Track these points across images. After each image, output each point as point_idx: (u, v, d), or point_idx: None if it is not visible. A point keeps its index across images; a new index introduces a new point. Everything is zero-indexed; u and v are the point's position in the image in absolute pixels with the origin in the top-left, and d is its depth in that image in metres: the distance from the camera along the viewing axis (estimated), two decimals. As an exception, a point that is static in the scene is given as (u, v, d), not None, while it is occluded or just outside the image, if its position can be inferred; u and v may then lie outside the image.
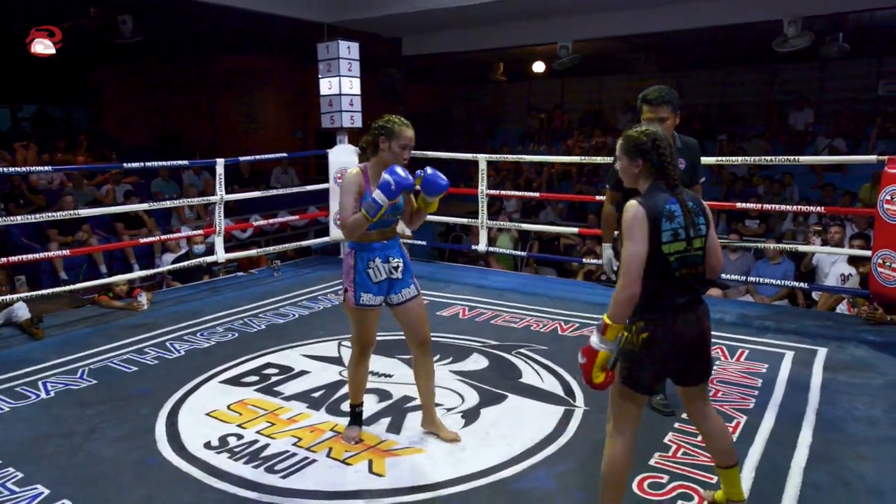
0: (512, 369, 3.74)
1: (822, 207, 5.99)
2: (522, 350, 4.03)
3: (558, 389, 3.44)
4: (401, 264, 2.86)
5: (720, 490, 2.34)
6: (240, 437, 2.98)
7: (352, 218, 2.65)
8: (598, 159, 6.09)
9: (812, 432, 2.93)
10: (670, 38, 10.65)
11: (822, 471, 2.61)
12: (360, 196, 2.69)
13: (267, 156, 6.65)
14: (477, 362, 3.86)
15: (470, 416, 3.15)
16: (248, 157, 6.42)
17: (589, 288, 5.82)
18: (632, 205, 2.06)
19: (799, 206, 6.52)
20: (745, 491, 2.43)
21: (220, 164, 5.61)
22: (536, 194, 8.40)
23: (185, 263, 5.99)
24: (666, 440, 2.87)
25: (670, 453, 2.76)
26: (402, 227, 7.52)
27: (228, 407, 3.30)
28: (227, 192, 5.81)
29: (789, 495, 2.45)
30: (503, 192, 8.17)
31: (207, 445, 2.91)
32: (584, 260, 6.25)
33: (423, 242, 7.16)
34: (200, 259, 5.88)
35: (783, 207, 6.31)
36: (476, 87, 16.00)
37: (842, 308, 5.43)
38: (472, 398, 3.35)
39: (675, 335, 2.08)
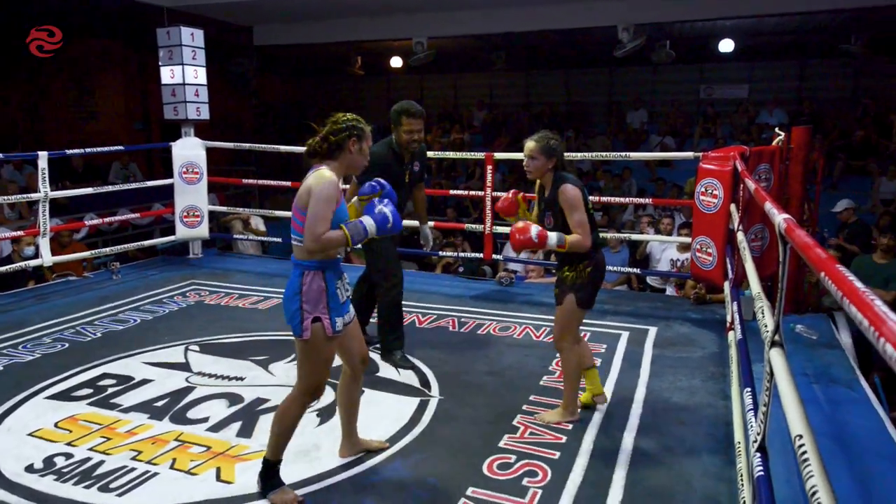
0: (369, 364, 3.72)
1: (651, 199, 6.58)
2: (379, 344, 4.04)
3: (414, 381, 3.49)
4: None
5: (585, 392, 3.12)
6: (69, 456, 2.73)
7: (331, 235, 2.29)
8: (452, 154, 6.24)
9: (642, 404, 3.22)
10: (521, 39, 11.16)
11: (650, 438, 2.87)
12: (336, 206, 2.34)
13: (100, 149, 6.10)
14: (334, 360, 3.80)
15: (325, 413, 3.11)
16: (78, 150, 5.86)
17: (447, 280, 5.95)
18: (570, 186, 2.83)
19: (631, 199, 7.12)
20: (583, 463, 2.65)
21: (42, 157, 5.07)
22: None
23: (2, 268, 5.34)
24: (515, 422, 3.01)
25: (518, 434, 2.90)
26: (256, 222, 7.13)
27: (56, 424, 3.00)
28: (57, 189, 5.26)
29: (621, 463, 2.66)
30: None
31: (30, 469, 2.63)
32: (440, 253, 6.39)
33: (279, 239, 6.94)
34: (22, 263, 5.27)
35: (617, 199, 6.86)
36: (334, 80, 15.77)
37: (671, 290, 6.02)
38: (328, 396, 3.29)
39: (601, 263, 2.98)
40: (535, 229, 2.83)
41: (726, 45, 10.75)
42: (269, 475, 2.42)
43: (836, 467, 2.54)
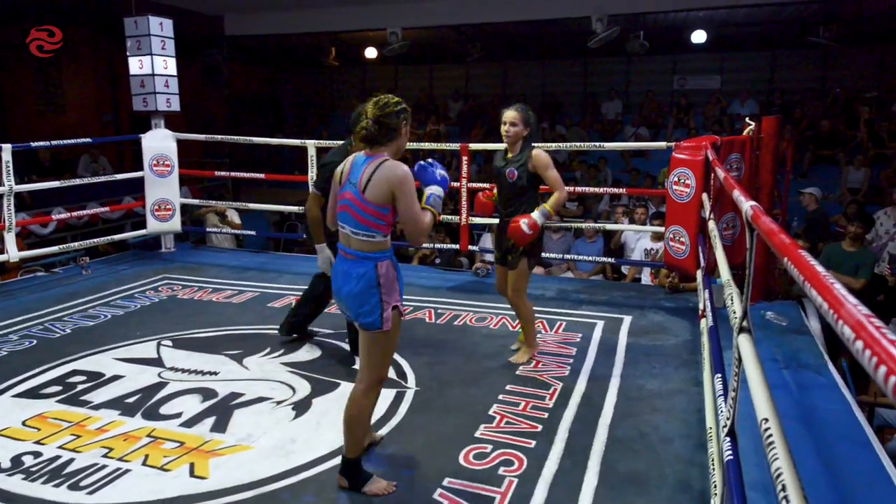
0: (345, 356, 3.72)
1: (625, 189, 6.63)
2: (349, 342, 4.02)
3: (391, 373, 3.47)
4: None
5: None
6: (37, 454, 2.67)
7: (428, 221, 2.31)
8: (427, 145, 6.22)
9: (617, 392, 3.25)
10: (496, 30, 11.14)
11: (624, 425, 2.90)
12: None
13: (67, 141, 5.96)
14: (309, 352, 3.79)
15: (301, 407, 3.09)
16: (44, 143, 5.72)
17: (424, 272, 5.94)
18: (541, 150, 3.32)
19: (605, 189, 7.16)
20: (559, 451, 2.67)
21: (6, 149, 4.94)
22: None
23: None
24: (491, 412, 3.02)
25: (494, 424, 2.91)
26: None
27: (24, 423, 2.94)
28: (23, 182, 5.13)
29: (596, 450, 2.69)
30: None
31: (-4, 468, 2.57)
32: (417, 244, 6.37)
33: (254, 232, 6.87)
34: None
35: (592, 189, 6.89)
36: (308, 71, 15.60)
37: (646, 279, 6.09)
38: (304, 389, 3.29)
39: (542, 228, 3.40)
40: (524, 225, 3.26)
41: (699, 37, 10.83)
42: (356, 470, 2.41)
43: (804, 450, 2.59)
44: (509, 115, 3.38)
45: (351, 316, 2.38)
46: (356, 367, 3.53)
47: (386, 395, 3.19)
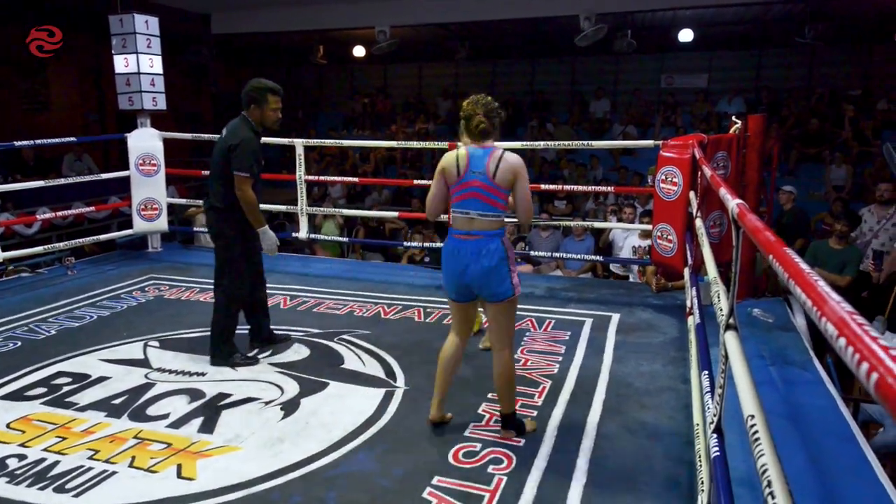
0: (334, 356, 3.71)
1: (613, 187, 6.65)
2: (345, 336, 4.01)
3: (380, 372, 3.48)
4: None
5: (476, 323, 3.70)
6: (22, 457, 2.64)
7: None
8: (417, 144, 6.22)
9: (605, 389, 3.26)
10: (485, 28, 11.14)
11: (613, 422, 2.92)
12: None
13: (51, 140, 5.89)
14: (298, 352, 3.77)
15: (289, 407, 3.08)
16: (27, 142, 5.65)
17: (412, 271, 5.94)
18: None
19: (594, 187, 7.18)
20: (548, 449, 2.68)
21: (-10, 149, 4.89)
22: (356, 179, 8.40)
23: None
24: (480, 410, 3.03)
25: (483, 422, 2.91)
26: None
27: (8, 425, 2.91)
28: (7, 182, 5.07)
29: (585, 447, 2.70)
30: (322, 178, 8.05)
31: (-20, 472, 2.54)
32: (405, 243, 6.37)
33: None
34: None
35: (579, 188, 6.91)
36: (296, 69, 15.52)
37: (634, 277, 6.11)
38: (292, 389, 3.27)
39: None
40: None
41: (686, 35, 10.89)
42: (516, 422, 2.78)
43: (790, 446, 2.61)
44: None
45: (476, 291, 2.66)
46: (344, 366, 3.56)
47: (375, 395, 3.19)
